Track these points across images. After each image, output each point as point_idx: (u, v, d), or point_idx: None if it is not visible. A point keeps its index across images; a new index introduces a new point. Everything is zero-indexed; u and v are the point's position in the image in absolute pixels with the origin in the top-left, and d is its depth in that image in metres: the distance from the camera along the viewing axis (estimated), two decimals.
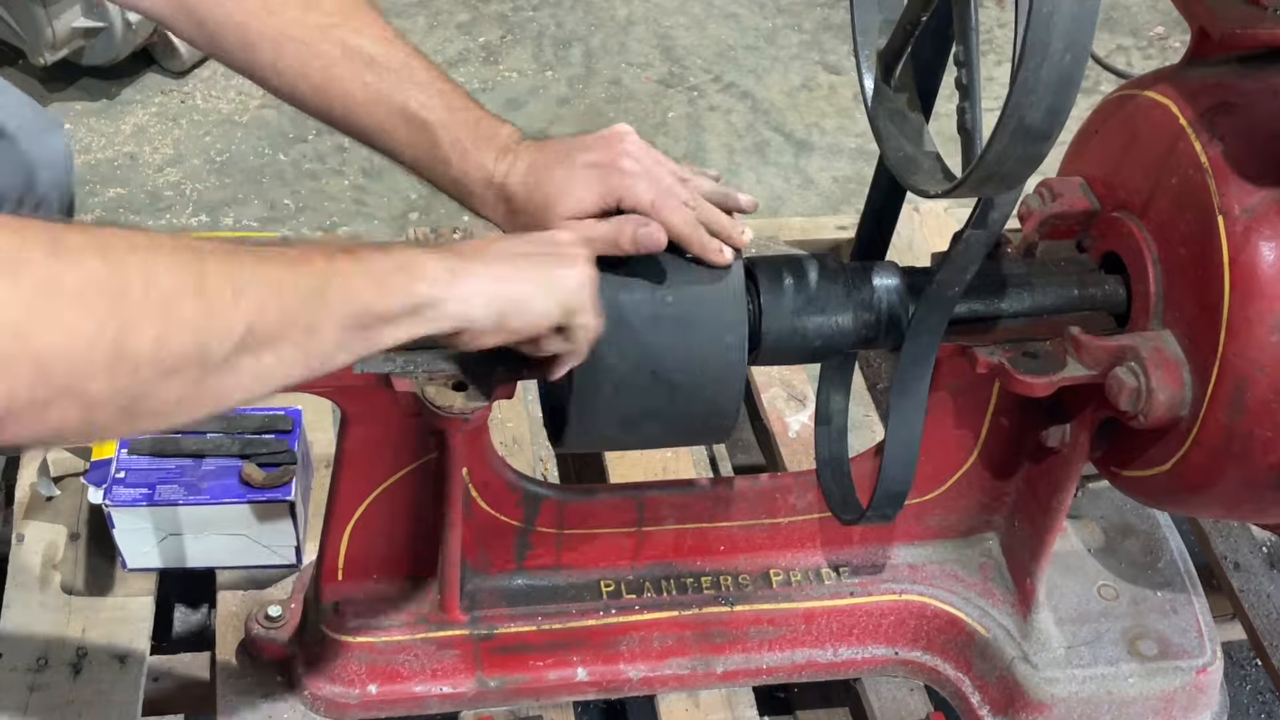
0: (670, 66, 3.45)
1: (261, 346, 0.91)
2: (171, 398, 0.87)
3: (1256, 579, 1.80)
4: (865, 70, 1.31)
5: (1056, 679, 1.57)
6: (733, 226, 1.26)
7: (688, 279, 1.24)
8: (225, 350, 0.88)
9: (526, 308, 1.11)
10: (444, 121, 1.27)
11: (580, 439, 1.29)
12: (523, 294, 1.10)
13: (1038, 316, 1.40)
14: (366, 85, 1.27)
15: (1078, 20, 0.97)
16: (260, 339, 0.90)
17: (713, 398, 1.26)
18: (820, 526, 1.61)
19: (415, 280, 1.03)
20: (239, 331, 0.88)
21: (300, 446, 1.69)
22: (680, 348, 1.23)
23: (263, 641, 1.56)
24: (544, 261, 1.13)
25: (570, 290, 1.13)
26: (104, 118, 3.15)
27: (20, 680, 1.56)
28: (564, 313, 1.13)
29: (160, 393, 0.86)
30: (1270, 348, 1.25)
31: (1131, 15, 3.72)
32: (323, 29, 1.28)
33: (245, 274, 0.90)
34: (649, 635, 1.58)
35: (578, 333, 1.15)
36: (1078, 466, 1.47)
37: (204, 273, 0.87)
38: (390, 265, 1.02)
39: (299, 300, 0.93)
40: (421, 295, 1.03)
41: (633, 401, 1.25)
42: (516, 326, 1.11)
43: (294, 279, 0.93)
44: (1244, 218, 1.25)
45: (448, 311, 1.05)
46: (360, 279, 0.98)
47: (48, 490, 1.75)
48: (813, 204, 3.09)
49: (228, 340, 0.88)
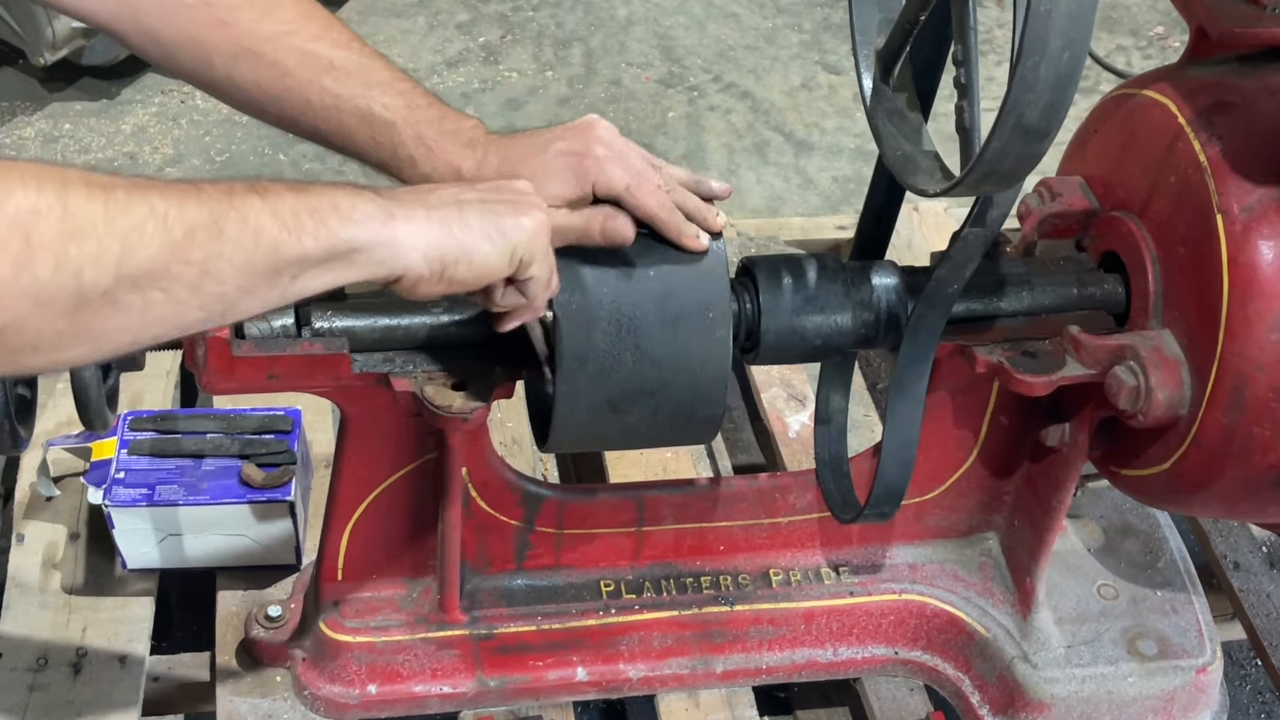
0: (670, 66, 3.45)
1: (146, 282, 0.86)
2: (48, 330, 0.83)
3: (1256, 579, 1.80)
4: (864, 70, 1.31)
5: (1056, 678, 1.57)
6: (708, 210, 1.25)
7: (669, 256, 1.24)
8: (103, 282, 0.83)
9: (471, 256, 1.05)
10: (406, 120, 1.24)
11: (566, 428, 1.27)
12: (468, 242, 1.05)
13: (1037, 316, 1.40)
14: (325, 90, 1.24)
15: (1076, 18, 0.97)
16: (144, 273, 0.85)
17: (698, 380, 1.25)
18: (820, 526, 1.61)
19: (340, 221, 0.97)
20: (112, 259, 0.83)
21: (300, 446, 1.69)
22: (663, 324, 1.23)
23: (263, 641, 1.56)
24: (493, 209, 1.08)
25: (521, 239, 1.08)
26: (104, 118, 3.15)
27: (20, 680, 1.56)
28: (514, 262, 1.08)
29: (33, 324, 0.82)
30: (1269, 347, 1.25)
31: (1131, 15, 3.72)
32: (277, 37, 1.25)
33: (118, 198, 0.85)
34: (649, 635, 1.58)
35: (530, 285, 1.11)
36: (1077, 466, 1.47)
37: (67, 195, 0.82)
38: (308, 204, 0.96)
39: (186, 234, 0.87)
40: (347, 238, 0.97)
41: (617, 384, 1.24)
42: (462, 276, 1.06)
43: (180, 211, 0.88)
44: (1243, 217, 1.25)
45: (380, 257, 1.00)
46: (267, 217, 0.92)
47: (48, 490, 1.75)
48: (813, 204, 3.09)
49: (102, 270, 0.83)
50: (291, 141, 3.12)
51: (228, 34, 1.24)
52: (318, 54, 1.25)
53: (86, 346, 0.87)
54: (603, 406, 1.25)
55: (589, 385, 1.24)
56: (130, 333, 0.88)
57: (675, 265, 1.24)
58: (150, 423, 1.69)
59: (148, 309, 0.87)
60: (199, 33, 1.24)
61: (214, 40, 1.24)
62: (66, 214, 0.82)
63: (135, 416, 1.69)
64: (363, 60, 1.27)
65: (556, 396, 1.24)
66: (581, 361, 1.22)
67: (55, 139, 3.07)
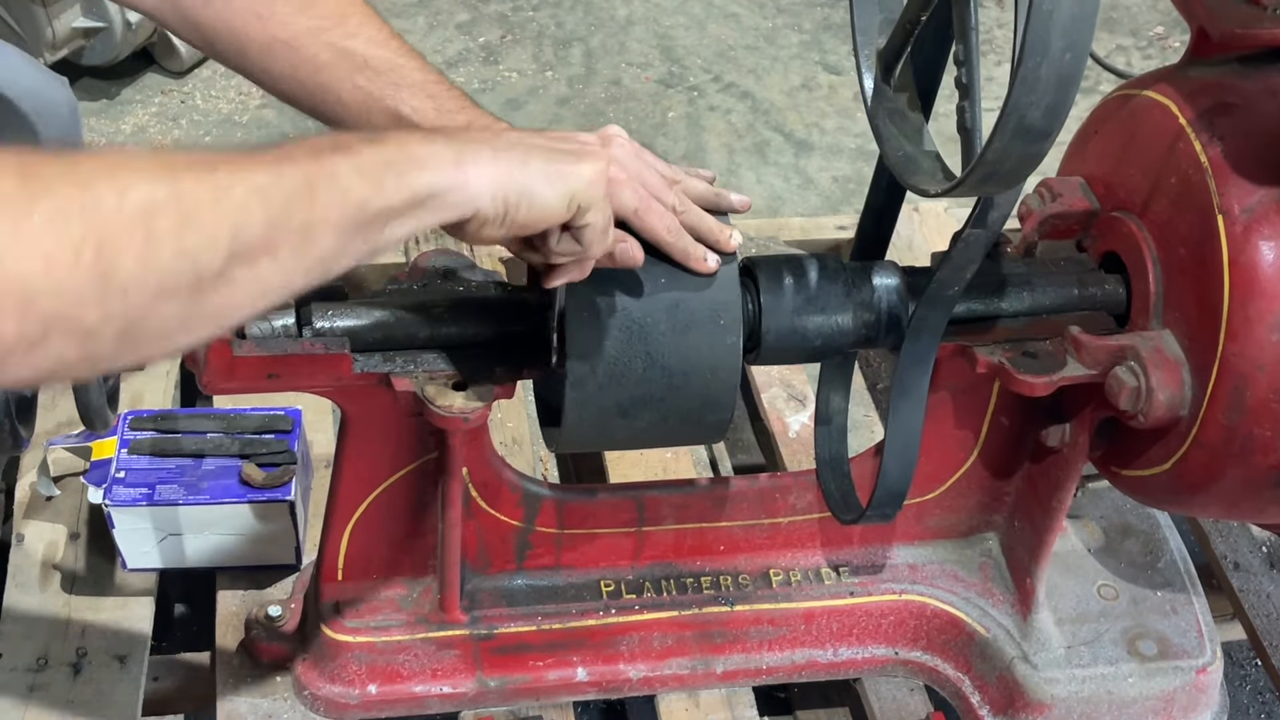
0: (670, 66, 3.45)
1: (256, 255, 0.87)
2: (172, 318, 0.84)
3: (1256, 579, 1.80)
4: (865, 70, 1.31)
5: (1056, 679, 1.57)
6: (720, 230, 1.25)
7: (681, 264, 1.24)
8: (217, 262, 0.85)
9: (532, 198, 1.06)
10: (434, 124, 1.25)
11: (576, 431, 1.27)
12: (530, 183, 1.05)
13: (1037, 316, 1.40)
14: (357, 88, 1.26)
15: (1078, 19, 0.97)
16: (252, 247, 0.87)
17: (708, 386, 1.25)
18: (820, 526, 1.61)
19: (417, 169, 0.98)
20: (225, 240, 0.85)
21: (300, 446, 1.69)
22: (674, 331, 1.23)
23: (263, 641, 1.56)
24: (556, 155, 1.09)
25: (580, 184, 1.08)
26: (104, 118, 3.15)
27: (20, 680, 1.56)
28: (572, 207, 1.08)
29: (158, 313, 0.83)
30: (1270, 347, 1.25)
31: (1131, 15, 3.72)
32: (313, 32, 1.27)
33: (221, 179, 0.86)
34: (649, 635, 1.58)
35: (585, 232, 1.11)
36: (1078, 466, 1.47)
37: (178, 183, 0.84)
38: (385, 156, 0.97)
39: (285, 202, 0.89)
40: (424, 185, 0.98)
41: (627, 390, 1.24)
42: (523, 219, 1.06)
43: (278, 181, 0.89)
44: (1244, 217, 1.25)
45: (453, 200, 1.01)
46: (353, 175, 0.94)
47: (48, 490, 1.75)
48: (813, 204, 3.09)
49: (216, 251, 0.85)
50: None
51: (263, 26, 1.26)
52: (352, 51, 1.27)
53: (206, 328, 0.89)
54: (612, 412, 1.25)
55: (599, 391, 1.24)
56: (245, 306, 0.90)
57: (687, 273, 1.24)
58: (150, 422, 1.69)
59: (258, 280, 0.89)
60: (235, 22, 1.26)
61: (249, 31, 1.26)
62: (180, 203, 0.83)
63: (135, 416, 1.69)
64: (397, 59, 1.28)
65: (565, 403, 1.24)
66: (592, 368, 1.22)
67: None
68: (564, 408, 1.25)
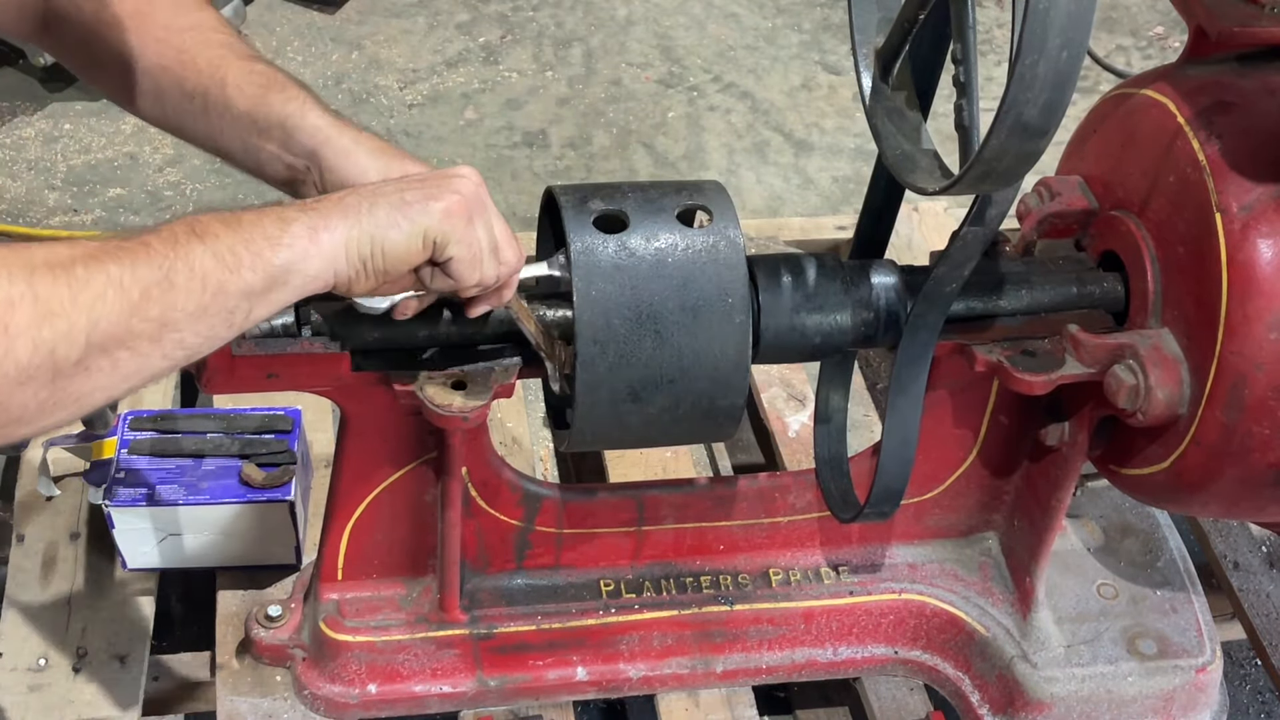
0: (670, 66, 3.45)
1: (112, 346, 0.91)
2: (30, 404, 0.88)
3: (1256, 578, 1.80)
4: (863, 69, 1.31)
5: (1056, 678, 1.57)
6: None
7: (687, 244, 1.25)
8: (75, 353, 0.89)
9: (384, 244, 1.07)
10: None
11: (588, 419, 1.28)
12: (377, 230, 1.07)
13: (1036, 315, 1.40)
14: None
15: (1074, 17, 0.97)
16: (110, 338, 0.90)
17: (718, 366, 1.26)
18: (820, 526, 1.61)
19: (273, 249, 1.00)
20: (82, 333, 0.88)
21: (300, 446, 1.69)
22: (683, 309, 1.24)
23: (263, 641, 1.56)
24: (404, 197, 1.09)
25: (430, 223, 1.09)
26: (104, 118, 3.15)
27: (20, 680, 1.56)
28: (427, 244, 1.09)
29: (16, 400, 0.87)
30: (1268, 345, 1.25)
31: (1131, 15, 3.72)
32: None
33: (78, 275, 0.89)
34: (649, 635, 1.58)
35: (453, 265, 1.12)
36: (1077, 465, 1.47)
37: (34, 280, 0.87)
38: (244, 237, 0.99)
39: (141, 294, 0.92)
40: (280, 262, 1.00)
41: (638, 370, 1.25)
42: (382, 266, 1.08)
43: (133, 274, 0.92)
44: (1242, 216, 1.25)
45: (312, 272, 1.03)
46: (209, 260, 0.96)
47: (48, 490, 1.75)
48: (812, 204, 3.09)
49: (74, 343, 0.88)
50: None
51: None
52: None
53: (67, 411, 0.92)
54: (623, 395, 1.26)
55: (610, 373, 1.24)
56: (105, 391, 0.93)
57: (693, 253, 1.25)
58: (150, 422, 1.69)
59: (116, 368, 0.92)
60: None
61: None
62: (37, 299, 0.87)
63: (135, 416, 1.69)
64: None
65: (577, 386, 1.25)
66: (602, 348, 1.23)
67: (55, 139, 3.07)
68: (575, 391, 1.25)
